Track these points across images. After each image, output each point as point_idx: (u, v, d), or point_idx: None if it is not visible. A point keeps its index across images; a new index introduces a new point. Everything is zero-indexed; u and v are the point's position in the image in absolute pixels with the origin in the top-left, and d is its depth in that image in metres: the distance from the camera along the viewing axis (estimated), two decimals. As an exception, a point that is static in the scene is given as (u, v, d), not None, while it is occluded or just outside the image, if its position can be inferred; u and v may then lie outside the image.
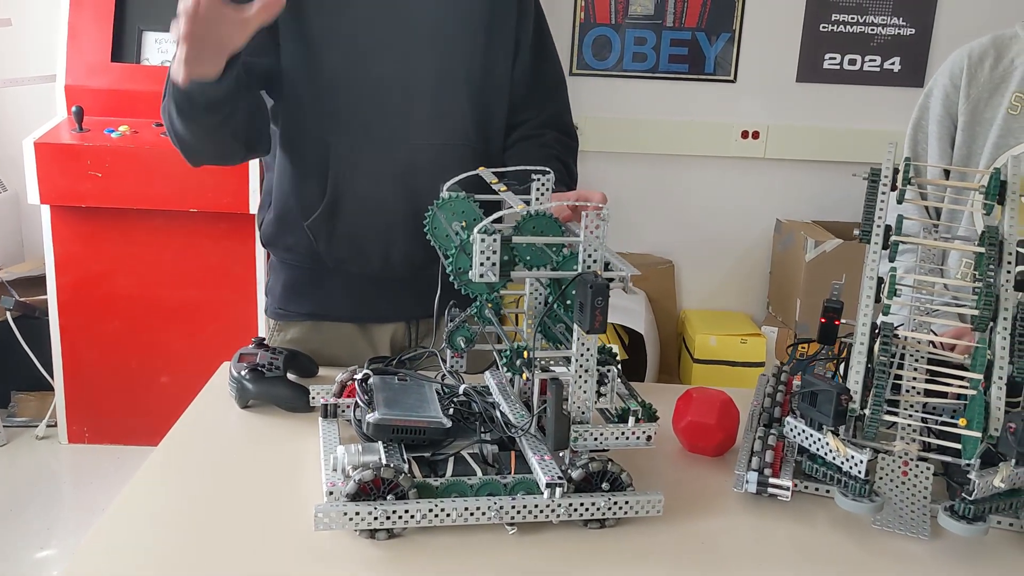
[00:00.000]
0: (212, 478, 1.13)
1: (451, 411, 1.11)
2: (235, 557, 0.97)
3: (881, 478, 1.12)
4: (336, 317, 1.54)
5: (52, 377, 3.00)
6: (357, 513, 0.97)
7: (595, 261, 0.99)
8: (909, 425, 1.12)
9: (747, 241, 3.73)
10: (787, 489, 1.10)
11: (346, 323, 1.54)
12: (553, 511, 1.01)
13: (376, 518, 0.97)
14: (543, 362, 1.03)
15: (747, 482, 1.11)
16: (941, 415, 1.14)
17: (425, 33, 1.45)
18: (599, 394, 1.03)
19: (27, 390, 3.19)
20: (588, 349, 1.01)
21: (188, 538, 1.00)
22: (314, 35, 1.42)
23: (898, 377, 1.15)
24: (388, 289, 1.52)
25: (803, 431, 1.12)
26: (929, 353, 1.19)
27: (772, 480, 1.10)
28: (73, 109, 2.78)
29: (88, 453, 3.01)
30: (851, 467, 1.06)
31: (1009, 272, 1.12)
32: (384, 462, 1.02)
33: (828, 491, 1.13)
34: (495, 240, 0.97)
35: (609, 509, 1.03)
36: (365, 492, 0.99)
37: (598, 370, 1.02)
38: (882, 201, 1.19)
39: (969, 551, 1.05)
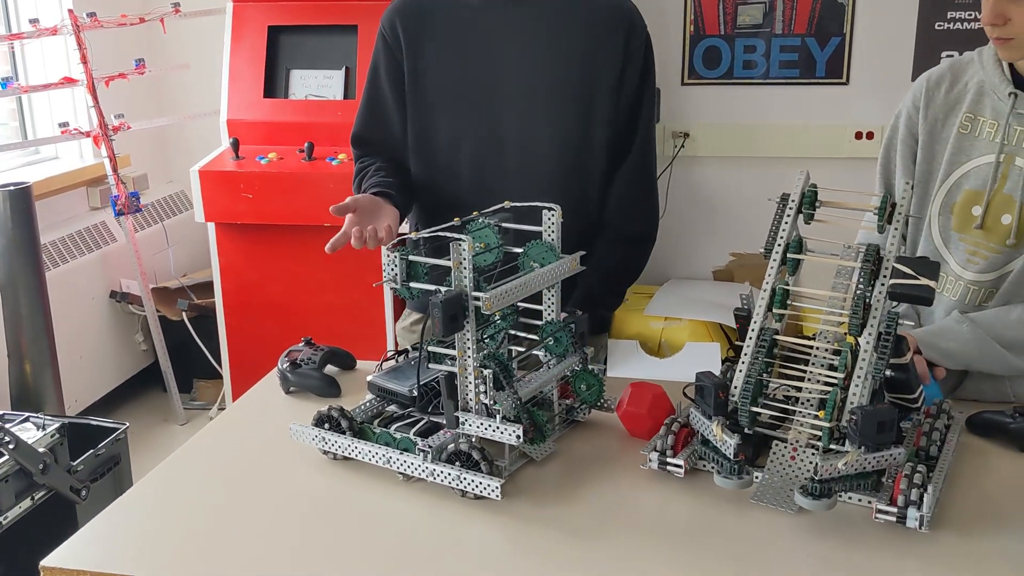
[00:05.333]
0: (249, 442, 1.49)
1: (419, 387, 1.39)
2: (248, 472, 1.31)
3: (772, 461, 1.31)
4: None
5: (221, 367, 3.53)
6: (309, 434, 1.38)
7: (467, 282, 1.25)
8: (794, 418, 1.31)
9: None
10: (680, 467, 1.31)
11: None
12: (417, 469, 1.29)
13: (315, 439, 1.38)
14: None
15: (649, 460, 1.33)
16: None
17: (519, 94, 1.73)
18: (482, 391, 1.27)
19: (205, 378, 3.75)
20: (466, 350, 1.26)
21: (214, 488, 1.36)
22: (430, 102, 1.78)
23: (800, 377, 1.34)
24: None
25: (699, 419, 1.33)
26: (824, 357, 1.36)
27: (670, 460, 1.32)
28: (230, 140, 3.28)
29: (250, 433, 3.52)
30: (725, 449, 1.27)
31: (883, 285, 1.29)
32: (335, 408, 1.39)
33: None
34: (395, 258, 1.26)
35: (454, 480, 1.26)
36: (323, 423, 1.39)
37: (480, 370, 1.27)
38: (786, 222, 1.38)
39: (824, 523, 1.23)
